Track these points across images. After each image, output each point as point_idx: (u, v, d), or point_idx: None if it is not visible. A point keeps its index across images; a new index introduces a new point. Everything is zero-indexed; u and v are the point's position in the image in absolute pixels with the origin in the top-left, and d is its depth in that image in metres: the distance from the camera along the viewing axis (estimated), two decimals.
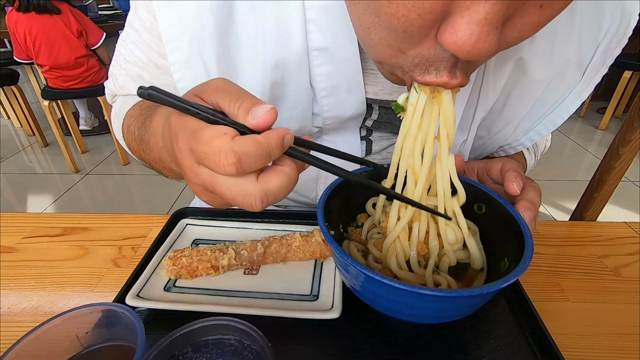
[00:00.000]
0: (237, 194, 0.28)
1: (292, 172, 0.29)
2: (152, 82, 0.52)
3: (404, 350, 0.39)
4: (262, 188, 0.28)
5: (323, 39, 0.44)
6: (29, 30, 2.18)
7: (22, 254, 0.55)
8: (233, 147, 0.26)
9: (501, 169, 0.45)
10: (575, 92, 0.53)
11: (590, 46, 0.49)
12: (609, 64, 0.52)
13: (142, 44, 0.50)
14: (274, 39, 0.44)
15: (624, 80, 2.96)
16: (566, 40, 0.48)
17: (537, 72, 0.49)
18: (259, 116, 0.28)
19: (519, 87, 0.51)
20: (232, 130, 0.27)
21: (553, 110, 0.55)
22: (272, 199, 0.29)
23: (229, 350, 0.31)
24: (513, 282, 0.32)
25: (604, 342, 0.43)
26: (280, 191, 0.29)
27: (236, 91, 0.29)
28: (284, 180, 0.29)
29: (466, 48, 0.26)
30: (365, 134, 0.56)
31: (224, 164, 0.27)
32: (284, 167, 0.29)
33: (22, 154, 2.92)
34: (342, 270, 0.38)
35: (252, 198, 0.28)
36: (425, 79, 0.32)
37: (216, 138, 0.27)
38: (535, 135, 0.57)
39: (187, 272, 0.45)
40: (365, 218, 0.47)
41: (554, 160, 2.72)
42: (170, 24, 0.44)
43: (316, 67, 0.46)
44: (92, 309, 0.31)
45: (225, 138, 0.27)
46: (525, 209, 0.40)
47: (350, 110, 0.50)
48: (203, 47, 0.44)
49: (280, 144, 0.28)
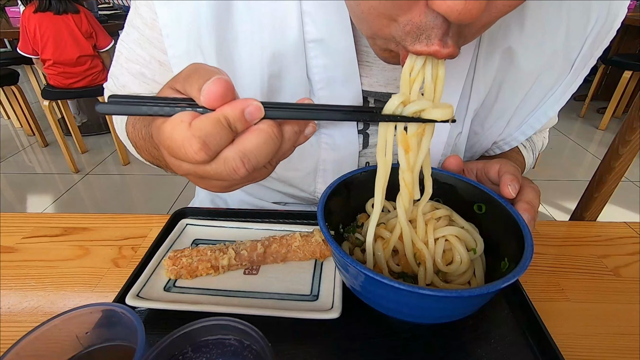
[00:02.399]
0: (220, 167, 0.28)
1: (269, 128, 0.28)
2: (154, 79, 0.53)
3: (404, 350, 0.39)
4: (239, 149, 0.28)
5: (318, 31, 0.45)
6: (39, 25, 2.22)
7: (22, 254, 0.55)
8: (193, 133, 0.26)
9: (498, 171, 0.45)
10: (564, 84, 0.54)
11: (579, 38, 0.50)
12: (597, 56, 0.53)
13: (144, 42, 0.51)
14: (271, 31, 0.45)
15: (624, 80, 2.96)
16: (554, 31, 0.49)
17: (525, 63, 0.50)
18: (205, 91, 0.27)
19: (509, 79, 0.52)
20: (188, 115, 0.27)
21: (544, 102, 0.56)
22: (254, 158, 0.28)
23: (229, 350, 0.31)
24: (513, 282, 0.32)
25: (604, 342, 0.43)
26: (259, 149, 0.28)
27: (197, 73, 0.28)
28: (261, 137, 0.28)
29: (457, 8, 0.27)
30: (362, 128, 0.56)
31: (191, 153, 0.27)
32: (259, 125, 0.28)
33: (22, 154, 2.92)
34: (342, 270, 0.38)
35: (232, 161, 0.28)
36: (416, 47, 0.32)
37: (174, 129, 0.27)
38: (528, 129, 0.58)
39: (187, 272, 0.45)
40: (365, 218, 0.47)
41: (554, 160, 2.72)
42: (169, 19, 0.45)
43: (312, 59, 0.47)
44: (92, 309, 0.31)
45: (182, 126, 0.27)
46: (523, 211, 0.40)
47: (346, 102, 0.50)
48: (201, 40, 0.44)
49: (239, 115, 0.27)
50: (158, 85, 0.53)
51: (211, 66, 0.29)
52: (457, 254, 0.39)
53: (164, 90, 0.32)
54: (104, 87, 0.62)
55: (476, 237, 0.41)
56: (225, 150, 0.28)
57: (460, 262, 0.39)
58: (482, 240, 0.41)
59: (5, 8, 2.92)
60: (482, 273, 0.41)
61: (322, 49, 0.46)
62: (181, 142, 0.27)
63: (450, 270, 0.39)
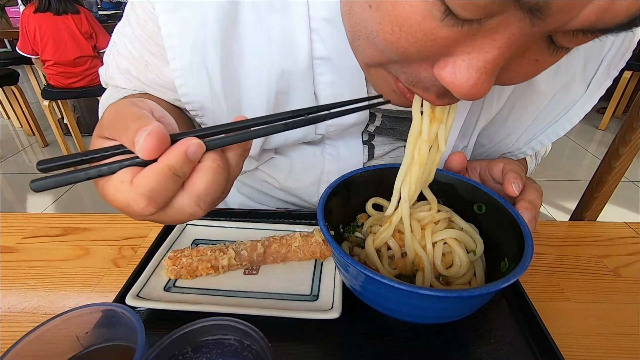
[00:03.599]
0: (176, 214, 0.28)
1: (214, 163, 0.27)
2: (139, 77, 0.52)
3: (404, 350, 0.39)
4: (192, 193, 0.27)
5: (325, 49, 0.44)
6: (39, 25, 2.22)
7: (22, 254, 0.55)
8: (137, 192, 0.25)
9: (502, 170, 0.45)
10: (579, 104, 0.54)
11: (596, 60, 0.50)
12: (613, 76, 0.52)
13: (134, 40, 0.50)
14: (280, 47, 0.44)
15: (624, 80, 2.96)
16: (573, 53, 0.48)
17: (543, 84, 0.50)
18: (140, 145, 0.25)
19: (524, 99, 0.51)
20: (129, 174, 0.26)
21: (556, 121, 0.56)
22: (208, 197, 0.27)
23: (229, 351, 0.31)
24: (513, 282, 0.32)
25: (604, 342, 0.43)
26: (211, 187, 0.27)
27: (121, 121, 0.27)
28: (210, 175, 0.27)
29: (462, 90, 0.27)
30: (368, 139, 0.56)
31: (139, 211, 0.26)
32: (204, 162, 0.27)
33: (22, 154, 2.92)
34: (342, 270, 0.38)
35: (188, 208, 0.27)
36: (410, 87, 0.32)
37: (117, 192, 0.26)
38: (537, 144, 0.58)
39: (187, 272, 0.45)
40: (365, 218, 0.47)
41: (554, 160, 2.72)
42: (173, 30, 0.43)
43: (319, 75, 0.46)
44: (92, 309, 0.31)
45: (123, 186, 0.26)
46: (525, 210, 0.40)
47: (353, 117, 0.50)
48: (206, 54, 0.43)
49: (182, 159, 0.26)
50: (141, 84, 0.52)
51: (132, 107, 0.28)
52: (457, 257, 0.39)
53: (95, 141, 0.30)
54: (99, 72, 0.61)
55: (476, 238, 0.41)
56: (178, 198, 0.27)
57: (460, 265, 0.39)
58: (481, 242, 0.41)
59: (5, 8, 2.92)
60: (483, 273, 0.41)
61: (329, 66, 0.45)
62: (126, 202, 0.26)
63: (451, 274, 0.39)
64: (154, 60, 0.49)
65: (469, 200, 0.45)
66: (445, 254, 0.40)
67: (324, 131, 0.51)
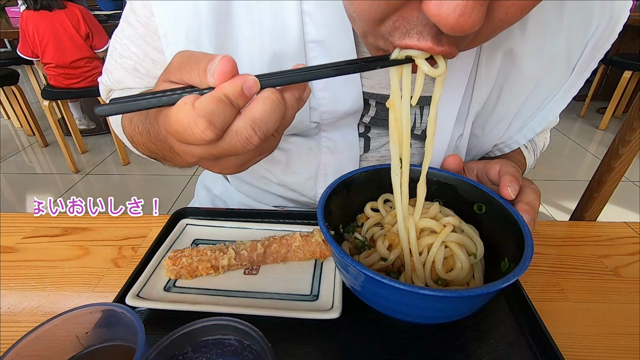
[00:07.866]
0: (233, 139, 0.29)
1: (273, 95, 0.29)
2: (148, 74, 0.52)
3: (404, 350, 0.39)
4: (248, 117, 0.28)
5: (318, 32, 0.45)
6: (37, 28, 2.22)
7: (22, 254, 0.55)
8: (198, 114, 0.27)
9: (499, 172, 0.45)
10: (565, 87, 0.54)
11: (580, 42, 0.50)
12: (598, 59, 0.53)
13: (138, 39, 0.50)
14: (271, 31, 0.44)
15: (624, 80, 2.96)
16: (555, 36, 0.49)
17: (527, 67, 0.50)
18: (213, 71, 0.27)
19: (510, 82, 0.52)
20: (191, 98, 0.28)
21: (545, 106, 0.56)
22: (264, 125, 0.29)
23: (229, 351, 0.31)
24: (513, 282, 0.32)
25: (604, 342, 0.43)
26: (268, 115, 0.29)
27: (193, 59, 0.29)
28: (267, 104, 0.29)
29: (449, 21, 0.26)
30: (364, 131, 0.56)
31: (198, 133, 0.27)
32: (263, 93, 0.29)
33: (22, 154, 2.92)
34: (342, 270, 0.38)
35: (244, 131, 0.28)
36: (405, 41, 0.31)
37: (179, 113, 0.27)
38: (529, 132, 0.58)
39: (187, 272, 0.45)
40: (365, 218, 0.47)
41: (554, 160, 2.72)
42: (166, 19, 0.44)
43: (312, 59, 0.46)
44: (92, 309, 0.31)
45: (186, 108, 0.27)
46: (523, 212, 0.40)
47: (347, 104, 0.50)
48: (200, 41, 0.44)
49: (238, 91, 0.28)
50: (152, 80, 0.53)
51: (199, 52, 0.30)
52: (458, 261, 0.39)
53: (160, 84, 0.32)
54: (99, 82, 0.62)
55: (476, 240, 0.41)
56: (236, 122, 0.29)
57: (462, 268, 0.39)
58: (482, 244, 0.41)
59: (5, 8, 2.92)
60: (481, 275, 0.40)
61: (322, 49, 0.46)
62: (187, 123, 0.27)
63: (451, 278, 0.39)
64: (161, 57, 0.49)
65: (469, 200, 0.45)
66: (447, 258, 0.40)
67: (318, 119, 0.51)
